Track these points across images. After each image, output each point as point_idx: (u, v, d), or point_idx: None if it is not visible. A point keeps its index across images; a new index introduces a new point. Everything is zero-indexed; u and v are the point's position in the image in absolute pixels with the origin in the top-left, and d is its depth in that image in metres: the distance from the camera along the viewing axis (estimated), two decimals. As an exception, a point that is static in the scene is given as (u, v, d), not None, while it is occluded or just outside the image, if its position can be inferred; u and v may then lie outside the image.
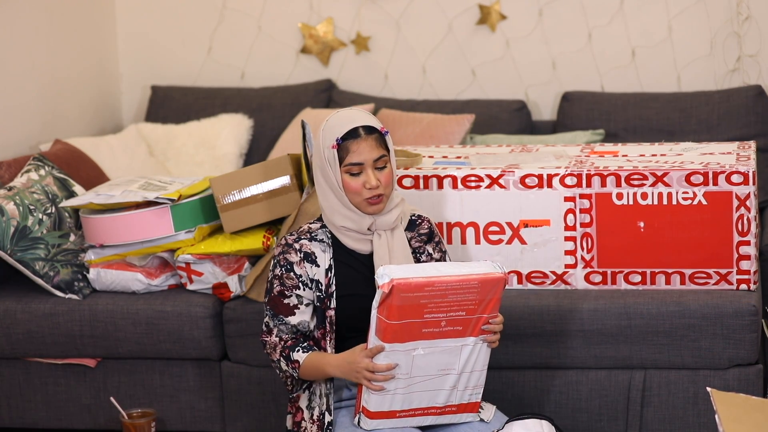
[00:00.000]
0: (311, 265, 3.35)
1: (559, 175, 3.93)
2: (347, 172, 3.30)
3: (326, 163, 3.31)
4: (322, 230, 3.39)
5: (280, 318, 3.35)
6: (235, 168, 5.22)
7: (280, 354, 3.34)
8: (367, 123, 3.32)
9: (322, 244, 3.38)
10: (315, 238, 3.38)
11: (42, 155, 4.50)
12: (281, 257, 3.36)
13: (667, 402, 3.91)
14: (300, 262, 3.35)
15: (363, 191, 3.30)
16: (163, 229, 4.12)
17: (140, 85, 5.70)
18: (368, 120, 3.33)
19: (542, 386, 3.96)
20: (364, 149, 3.29)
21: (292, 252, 3.36)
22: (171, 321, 4.14)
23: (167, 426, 4.23)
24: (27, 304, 4.23)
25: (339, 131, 3.30)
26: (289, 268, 3.35)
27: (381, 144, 3.32)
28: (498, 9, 5.35)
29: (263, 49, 5.58)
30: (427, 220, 3.49)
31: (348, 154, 3.29)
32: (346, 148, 3.29)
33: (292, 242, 3.37)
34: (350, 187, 3.31)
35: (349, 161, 3.29)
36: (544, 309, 3.91)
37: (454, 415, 3.29)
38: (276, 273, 3.36)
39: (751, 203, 3.85)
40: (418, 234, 3.46)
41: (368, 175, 3.30)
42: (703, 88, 5.24)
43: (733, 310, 3.83)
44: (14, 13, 4.98)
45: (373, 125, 3.32)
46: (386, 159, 3.33)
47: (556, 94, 5.38)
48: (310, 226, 3.40)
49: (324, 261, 3.36)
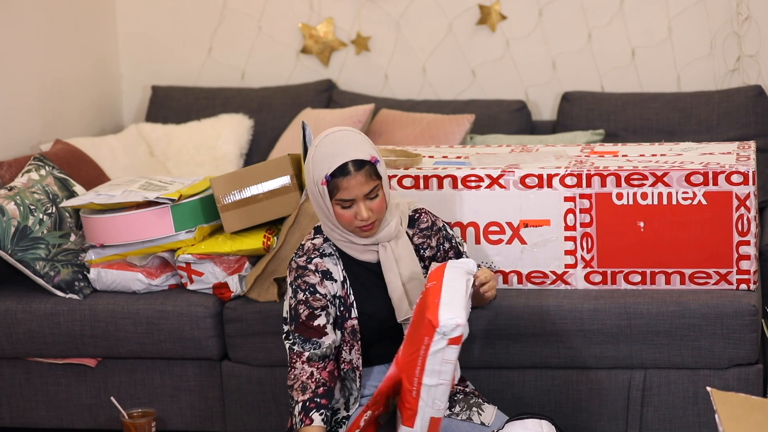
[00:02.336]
0: (331, 282, 3.33)
1: (559, 175, 3.94)
2: (338, 205, 3.26)
3: (317, 194, 3.27)
4: (327, 244, 3.37)
5: (313, 342, 3.29)
6: (235, 168, 5.22)
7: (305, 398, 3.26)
8: (356, 157, 3.24)
9: (332, 258, 3.36)
10: (324, 253, 3.35)
11: (42, 155, 4.51)
12: (300, 282, 3.31)
13: (667, 402, 3.91)
14: (321, 281, 3.32)
15: (354, 221, 3.28)
16: (163, 229, 4.12)
17: (141, 85, 5.70)
18: (357, 152, 3.24)
19: (542, 386, 3.96)
20: (353, 186, 3.24)
21: (310, 274, 3.32)
22: (171, 321, 4.15)
23: (167, 426, 4.23)
24: (27, 303, 4.23)
25: (328, 167, 3.23)
26: (314, 291, 3.31)
27: (372, 175, 3.26)
28: (498, 9, 5.35)
29: (263, 49, 5.58)
30: (425, 212, 3.48)
31: (338, 191, 3.24)
32: (336, 185, 3.23)
33: (305, 264, 3.33)
34: (342, 218, 3.28)
35: (340, 197, 3.25)
36: (544, 309, 3.91)
37: None
38: (300, 298, 3.30)
39: (751, 203, 3.85)
40: (419, 229, 3.46)
41: (360, 208, 3.25)
42: (703, 88, 5.25)
43: (733, 310, 3.83)
44: (14, 14, 4.98)
45: (363, 158, 3.25)
46: (378, 188, 3.28)
47: (556, 94, 5.38)
48: (314, 243, 3.37)
49: (338, 274, 3.35)
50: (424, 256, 3.46)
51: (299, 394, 3.28)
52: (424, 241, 3.45)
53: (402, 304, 3.34)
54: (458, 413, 3.40)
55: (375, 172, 3.27)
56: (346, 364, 3.36)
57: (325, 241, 3.37)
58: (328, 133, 3.29)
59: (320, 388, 3.28)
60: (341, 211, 3.26)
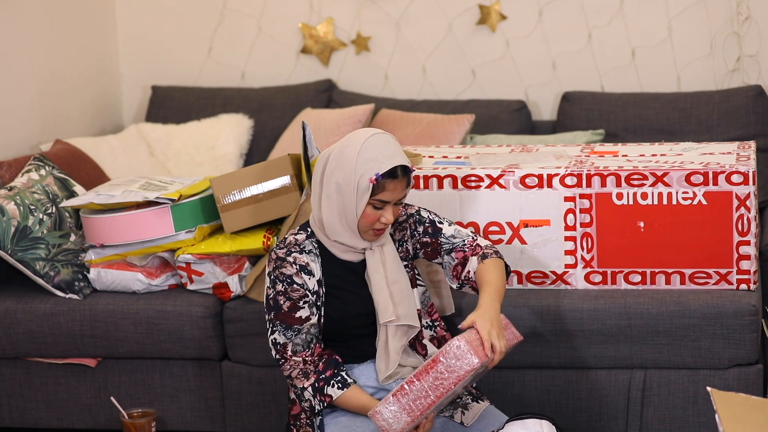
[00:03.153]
0: (308, 276, 3.36)
1: (559, 175, 3.94)
2: (372, 205, 3.31)
3: (354, 189, 3.29)
4: (308, 240, 3.40)
5: (294, 329, 3.33)
6: (235, 168, 5.22)
7: (310, 385, 3.31)
8: (405, 163, 3.32)
9: (310, 255, 3.39)
10: (304, 249, 3.38)
11: (42, 155, 4.51)
12: (277, 272, 3.35)
13: (667, 402, 3.91)
14: (297, 273, 3.35)
15: (376, 223, 3.33)
16: (163, 229, 4.12)
17: (140, 85, 5.70)
18: (405, 159, 3.33)
19: (542, 386, 3.96)
20: (396, 190, 3.31)
21: (287, 265, 3.36)
22: (171, 321, 4.15)
23: (167, 426, 4.23)
24: (27, 304, 4.23)
25: (380, 166, 3.28)
26: (290, 281, 3.34)
27: (408, 183, 3.35)
28: (498, 9, 5.35)
29: (263, 49, 5.58)
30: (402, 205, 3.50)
31: (382, 191, 3.30)
32: (382, 186, 3.29)
33: (284, 256, 3.36)
34: (368, 218, 3.32)
35: (380, 198, 3.30)
36: (544, 309, 3.91)
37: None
38: (278, 289, 3.34)
39: (751, 203, 3.85)
40: (398, 223, 3.49)
41: (388, 212, 3.32)
42: (703, 88, 5.24)
43: (733, 310, 3.83)
44: (14, 14, 4.98)
45: (408, 165, 3.33)
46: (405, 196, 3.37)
47: (556, 94, 5.38)
48: (296, 238, 3.40)
49: (315, 271, 3.38)
50: (407, 249, 3.48)
51: (303, 381, 3.32)
52: (403, 234, 3.49)
53: (387, 306, 3.37)
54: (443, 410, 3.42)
55: (409, 181, 3.36)
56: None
57: (308, 237, 3.40)
58: (374, 133, 3.33)
59: (320, 364, 3.33)
60: (371, 211, 3.31)
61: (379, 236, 3.37)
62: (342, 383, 3.33)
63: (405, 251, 3.48)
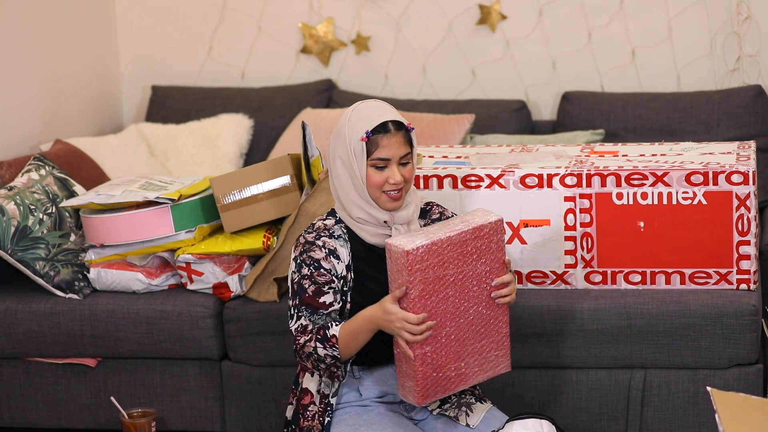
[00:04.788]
0: (337, 261, 3.35)
1: (559, 175, 3.94)
2: (373, 165, 3.31)
3: (351, 154, 3.31)
4: (337, 225, 3.39)
5: (320, 313, 3.30)
6: (235, 168, 5.22)
7: (315, 341, 3.26)
8: (396, 118, 3.33)
9: (340, 240, 3.37)
10: (333, 234, 3.37)
11: (42, 155, 4.51)
12: (305, 256, 3.33)
13: (667, 402, 3.91)
14: (326, 257, 3.33)
15: (385, 185, 3.32)
16: (163, 228, 4.12)
17: (140, 85, 5.70)
18: (396, 115, 3.34)
19: (542, 386, 3.96)
20: (393, 145, 3.30)
21: (316, 249, 3.33)
22: (171, 321, 4.15)
23: (167, 426, 4.23)
24: (27, 303, 4.23)
25: (368, 124, 3.30)
26: (318, 266, 3.32)
27: (407, 140, 3.34)
28: (498, 9, 5.35)
29: (263, 49, 5.58)
30: (436, 204, 3.51)
31: (377, 148, 3.30)
32: (375, 143, 3.30)
33: (314, 240, 3.34)
34: (373, 180, 3.31)
35: (377, 156, 3.30)
36: (544, 309, 3.91)
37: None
38: (304, 273, 3.31)
39: (751, 203, 3.85)
40: (431, 220, 3.48)
41: (393, 171, 3.31)
42: (703, 88, 5.24)
43: (733, 310, 3.83)
44: (14, 13, 4.98)
45: (401, 121, 3.33)
46: (410, 155, 3.34)
47: (556, 94, 5.38)
48: (325, 223, 3.39)
49: (344, 256, 3.36)
50: None
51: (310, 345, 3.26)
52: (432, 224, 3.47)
53: None
54: (447, 410, 3.41)
55: (409, 139, 3.35)
56: None
57: (336, 222, 3.39)
58: (360, 102, 3.37)
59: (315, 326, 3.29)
60: (374, 172, 3.31)
61: (396, 201, 3.34)
62: (339, 323, 3.29)
63: None
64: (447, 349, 3.24)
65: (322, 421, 3.35)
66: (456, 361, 3.26)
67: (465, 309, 3.23)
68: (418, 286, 3.15)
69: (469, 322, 3.25)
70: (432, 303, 3.18)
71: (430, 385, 3.24)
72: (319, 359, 3.27)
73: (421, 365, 3.20)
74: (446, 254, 3.17)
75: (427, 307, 3.17)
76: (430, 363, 3.22)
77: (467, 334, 3.25)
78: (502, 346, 3.34)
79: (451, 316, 3.22)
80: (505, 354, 3.35)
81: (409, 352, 3.18)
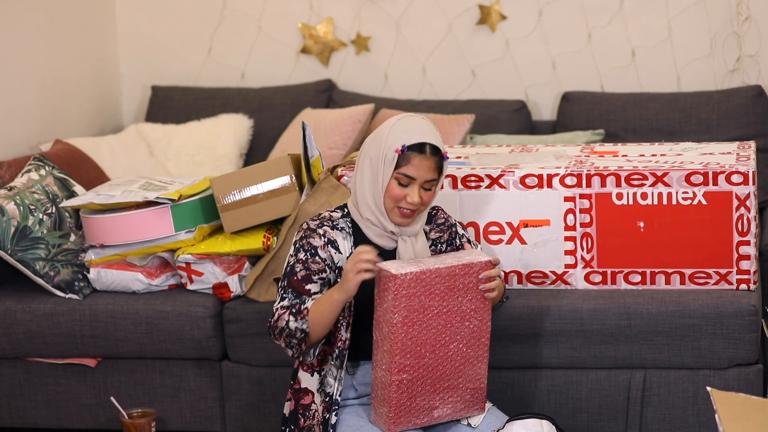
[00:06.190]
0: (335, 251, 3.37)
1: (559, 175, 3.94)
2: (396, 179, 3.32)
3: (381, 159, 3.32)
4: (343, 219, 3.41)
5: (302, 298, 3.33)
6: (235, 168, 5.22)
7: (289, 314, 3.30)
8: (436, 143, 3.33)
9: (343, 232, 3.40)
10: (336, 226, 3.40)
11: (42, 155, 4.51)
12: (304, 242, 3.36)
13: (667, 402, 3.91)
14: (324, 246, 3.36)
15: (402, 201, 3.33)
16: (163, 229, 4.12)
17: (140, 85, 5.70)
18: (437, 140, 3.35)
19: (542, 386, 3.96)
20: (423, 166, 3.32)
21: (316, 236, 3.37)
22: (171, 321, 4.15)
23: (167, 426, 4.23)
24: (27, 304, 4.23)
25: (408, 138, 3.31)
26: (314, 253, 3.35)
27: (437, 167, 3.35)
28: (498, 9, 5.35)
29: (263, 49, 5.58)
30: (441, 210, 3.56)
31: (407, 164, 3.31)
32: (407, 158, 3.31)
33: (315, 227, 3.38)
34: (392, 193, 3.33)
35: (404, 171, 3.32)
36: (544, 309, 3.91)
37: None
38: (299, 257, 3.35)
39: (751, 203, 3.85)
40: (436, 225, 3.51)
41: (413, 191, 3.33)
42: (703, 88, 5.25)
43: (733, 310, 3.83)
44: (14, 14, 4.98)
45: (440, 146, 3.34)
46: (435, 183, 3.36)
47: (556, 94, 5.38)
48: (331, 215, 3.42)
49: (345, 249, 3.38)
50: (441, 250, 3.50)
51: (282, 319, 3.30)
52: (440, 236, 3.51)
53: None
54: None
55: (441, 167, 3.36)
56: (342, 342, 3.36)
57: (343, 216, 3.41)
58: (413, 115, 3.39)
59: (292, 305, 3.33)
60: (396, 186, 3.32)
61: (406, 219, 3.36)
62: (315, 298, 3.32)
63: (437, 252, 3.50)
64: (424, 380, 3.28)
65: (326, 420, 3.36)
66: (431, 393, 3.30)
67: (446, 343, 3.28)
68: (402, 312, 3.19)
69: (449, 356, 3.30)
70: (414, 331, 3.22)
71: (403, 413, 3.28)
72: (290, 334, 3.30)
73: (396, 391, 3.25)
74: (433, 285, 3.22)
75: (409, 335, 3.22)
76: (405, 390, 3.26)
77: (445, 368, 3.29)
78: (479, 387, 3.37)
79: (431, 347, 3.26)
80: (480, 396, 3.38)
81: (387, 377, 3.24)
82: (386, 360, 3.23)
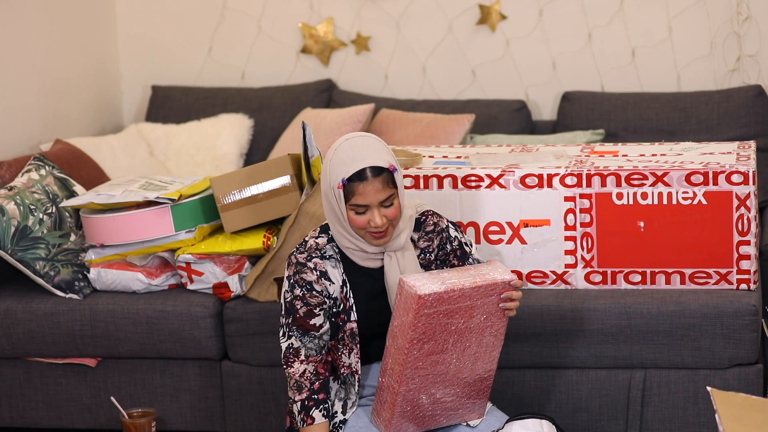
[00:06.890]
0: (329, 282, 3.33)
1: (559, 175, 3.94)
2: (352, 209, 3.24)
3: (333, 196, 3.25)
4: (329, 245, 3.35)
5: (311, 335, 3.31)
6: (235, 168, 5.22)
7: (302, 397, 3.30)
8: (375, 164, 3.21)
9: (332, 260, 3.34)
10: (324, 255, 3.34)
11: (42, 155, 4.51)
12: (297, 278, 3.31)
13: (667, 401, 3.91)
14: (318, 279, 3.31)
15: (368, 227, 3.26)
16: (163, 228, 4.12)
17: (141, 85, 5.70)
18: (376, 159, 3.22)
19: (542, 386, 3.96)
20: (369, 192, 3.21)
21: (308, 271, 3.32)
22: (171, 321, 4.15)
23: (167, 426, 4.23)
24: (27, 303, 4.23)
25: (346, 170, 3.21)
26: (310, 288, 3.31)
27: (389, 183, 3.23)
28: (498, 9, 5.35)
29: (263, 49, 5.58)
30: (431, 214, 3.42)
31: (354, 195, 3.21)
32: (352, 190, 3.21)
33: (305, 261, 3.32)
34: (355, 222, 3.25)
35: (355, 202, 3.22)
36: (544, 309, 3.91)
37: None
38: (296, 294, 3.31)
39: (751, 203, 3.85)
40: (425, 233, 3.41)
41: (373, 215, 3.23)
42: (703, 88, 5.25)
43: (733, 309, 3.83)
44: (14, 14, 4.98)
45: (381, 165, 3.22)
46: (394, 196, 3.25)
47: (556, 94, 5.38)
48: (317, 242, 3.35)
49: (337, 278, 3.34)
50: (429, 258, 3.42)
51: (296, 394, 3.31)
52: (428, 245, 3.41)
53: None
54: None
55: (392, 180, 3.25)
56: (346, 368, 3.36)
57: (328, 241, 3.36)
58: (348, 138, 3.27)
59: (315, 384, 3.30)
60: (355, 216, 3.24)
61: (382, 239, 3.28)
62: (326, 412, 3.30)
63: (427, 261, 3.41)
64: (429, 390, 3.27)
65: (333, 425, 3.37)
66: (434, 403, 3.30)
67: (458, 357, 3.26)
68: (421, 329, 3.15)
69: (458, 369, 3.28)
70: (429, 347, 3.19)
71: (404, 420, 3.29)
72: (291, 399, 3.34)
73: (402, 401, 3.25)
74: (455, 304, 3.15)
75: (423, 350, 3.19)
76: (410, 400, 3.26)
77: (453, 380, 3.28)
78: (481, 396, 3.36)
79: (443, 360, 3.24)
80: (481, 404, 3.38)
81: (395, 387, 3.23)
82: (397, 371, 3.21)
